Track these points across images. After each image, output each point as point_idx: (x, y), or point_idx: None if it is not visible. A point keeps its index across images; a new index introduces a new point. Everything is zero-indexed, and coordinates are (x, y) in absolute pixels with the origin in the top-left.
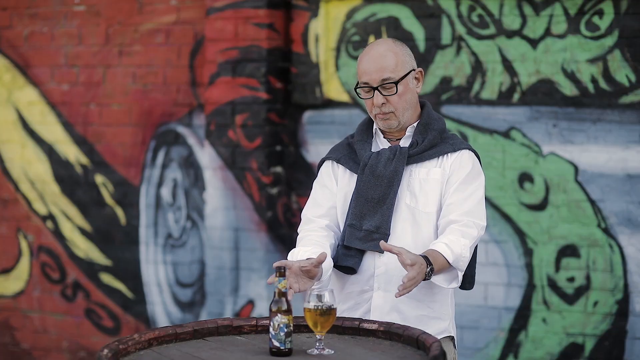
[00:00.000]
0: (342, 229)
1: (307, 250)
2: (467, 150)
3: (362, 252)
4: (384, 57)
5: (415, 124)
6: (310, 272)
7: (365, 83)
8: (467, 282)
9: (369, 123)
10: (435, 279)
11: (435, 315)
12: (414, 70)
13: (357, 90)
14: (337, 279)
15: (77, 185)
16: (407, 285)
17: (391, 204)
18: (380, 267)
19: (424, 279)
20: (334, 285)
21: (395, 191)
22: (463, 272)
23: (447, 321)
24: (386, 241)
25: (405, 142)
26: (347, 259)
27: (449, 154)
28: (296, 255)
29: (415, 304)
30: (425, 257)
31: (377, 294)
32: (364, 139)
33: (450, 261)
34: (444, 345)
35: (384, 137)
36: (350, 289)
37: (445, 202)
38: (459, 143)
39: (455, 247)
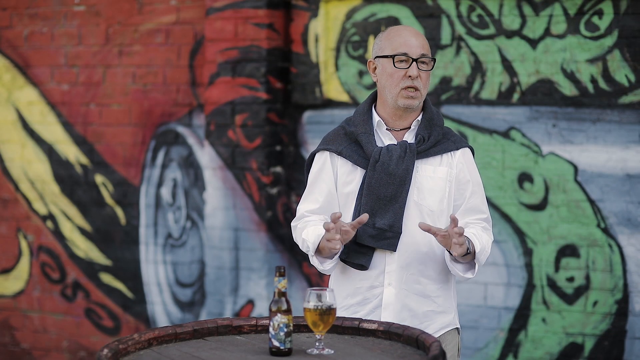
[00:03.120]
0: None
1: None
2: (467, 147)
3: (372, 249)
4: (422, 36)
5: (419, 118)
6: (348, 233)
7: (404, 53)
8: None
9: (368, 112)
10: (455, 266)
11: (441, 310)
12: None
13: (394, 58)
14: (346, 273)
15: (77, 185)
16: (460, 242)
17: (403, 202)
18: (392, 264)
19: (463, 255)
20: (342, 279)
21: (407, 190)
22: (481, 265)
23: (452, 314)
24: (398, 239)
25: (409, 136)
26: (359, 256)
27: (453, 152)
28: (312, 234)
29: (423, 300)
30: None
31: (388, 291)
32: (367, 130)
33: (477, 251)
34: (450, 337)
35: (386, 130)
36: (359, 284)
37: (462, 205)
38: (459, 140)
39: (482, 239)
